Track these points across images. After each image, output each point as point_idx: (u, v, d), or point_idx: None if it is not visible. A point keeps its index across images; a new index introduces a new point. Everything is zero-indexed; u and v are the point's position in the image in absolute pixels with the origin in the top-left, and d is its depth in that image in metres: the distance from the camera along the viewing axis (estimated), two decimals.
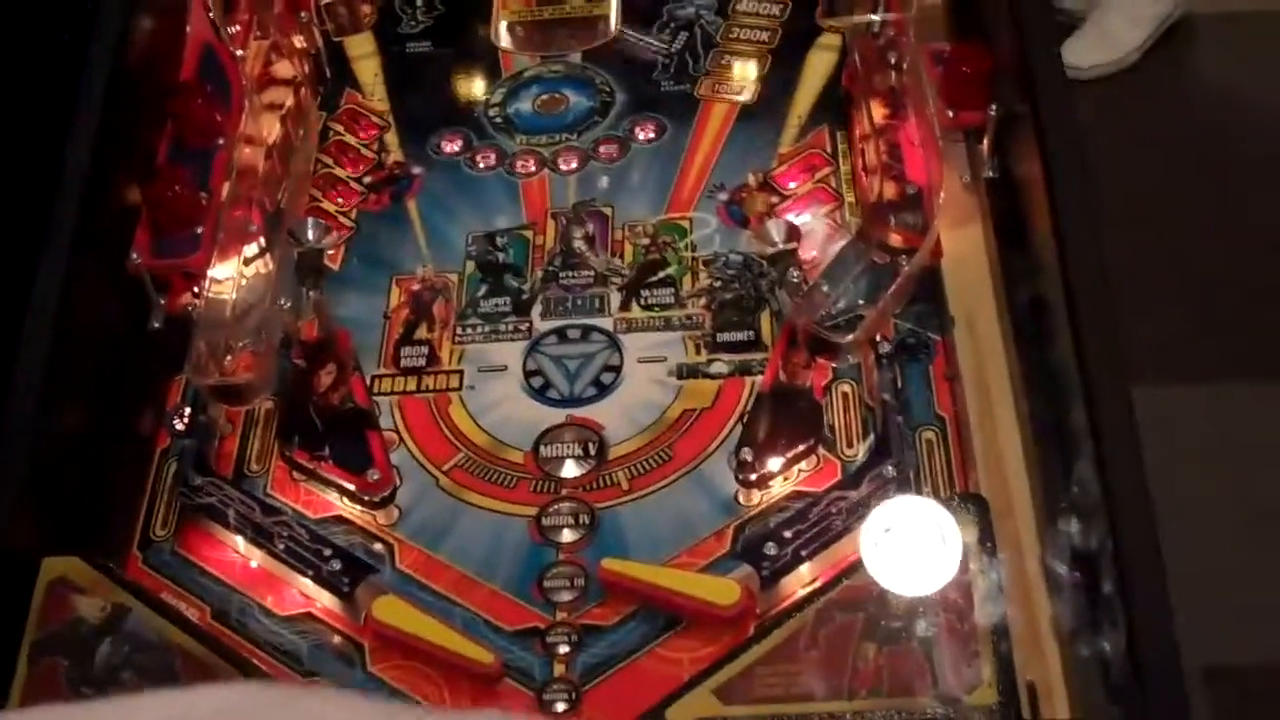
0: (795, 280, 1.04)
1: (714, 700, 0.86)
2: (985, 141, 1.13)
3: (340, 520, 1.03)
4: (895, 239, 1.09)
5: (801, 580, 0.94)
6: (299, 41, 1.30)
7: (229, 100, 1.19)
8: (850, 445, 1.03)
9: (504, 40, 1.34)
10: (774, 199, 1.18)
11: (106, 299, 1.11)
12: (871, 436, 1.02)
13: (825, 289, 1.05)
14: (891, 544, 0.90)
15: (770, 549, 0.95)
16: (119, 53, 1.13)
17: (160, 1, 1.20)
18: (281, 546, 0.99)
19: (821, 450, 1.02)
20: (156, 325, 1.12)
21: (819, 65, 1.27)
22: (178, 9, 1.20)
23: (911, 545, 0.89)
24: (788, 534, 0.96)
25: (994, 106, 1.11)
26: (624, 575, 0.96)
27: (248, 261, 1.13)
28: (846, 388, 1.05)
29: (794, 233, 1.08)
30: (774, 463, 1.00)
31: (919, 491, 0.98)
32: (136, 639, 0.90)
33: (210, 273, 1.10)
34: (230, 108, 1.19)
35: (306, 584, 0.98)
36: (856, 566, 0.89)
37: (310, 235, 1.11)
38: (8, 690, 0.89)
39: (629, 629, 0.95)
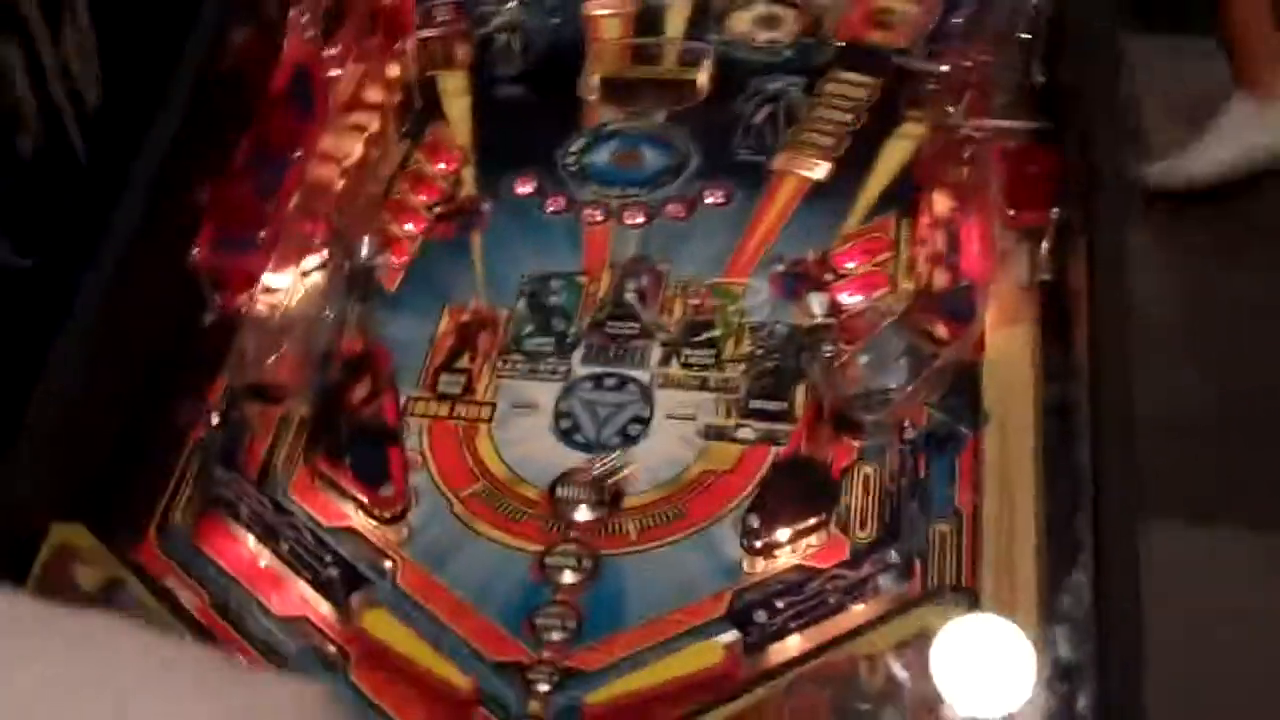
0: (828, 355, 1.05)
1: None
2: (1044, 244, 1.12)
3: (351, 531, 1.04)
4: (940, 329, 1.08)
5: (787, 652, 0.93)
6: (393, 70, 1.33)
7: (313, 116, 1.23)
8: (863, 527, 1.02)
9: (593, 94, 1.36)
10: (829, 276, 1.18)
11: (169, 288, 1.14)
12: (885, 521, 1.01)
13: (860, 365, 1.05)
14: (964, 664, 0.88)
15: (760, 616, 0.95)
16: (212, 55, 1.17)
17: (262, 13, 1.24)
18: (286, 547, 1.01)
19: (833, 528, 1.01)
20: (210, 321, 1.15)
21: (897, 152, 1.27)
22: (277, 22, 1.24)
23: (984, 665, 0.87)
24: (780, 604, 0.95)
25: (1056, 210, 1.11)
26: (612, 699, 0.94)
27: (306, 273, 1.16)
28: (870, 470, 1.05)
29: (835, 308, 1.08)
30: (781, 533, 1.00)
31: (919, 580, 0.97)
32: (127, 615, 0.92)
33: (265, 276, 1.13)
34: (313, 123, 1.22)
35: (304, 587, 1.00)
36: (836, 643, 0.88)
37: (364, 253, 1.13)
38: None
39: (610, 675, 0.95)
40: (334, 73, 1.28)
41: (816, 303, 1.09)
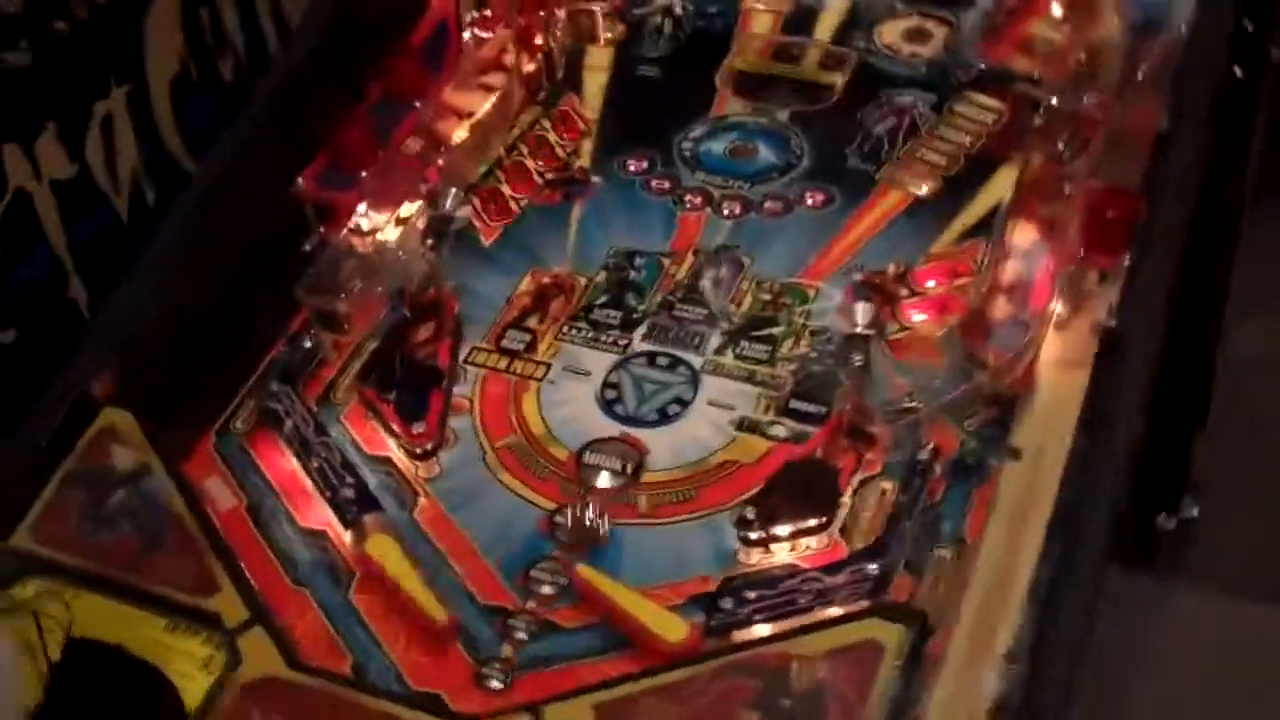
0: (857, 364, 1.05)
1: (590, 714, 0.88)
2: (1113, 290, 1.10)
3: (387, 461, 1.10)
4: (987, 355, 1.08)
5: (745, 640, 0.95)
6: (539, 39, 1.38)
7: (442, 70, 1.29)
8: (865, 539, 1.02)
9: (727, 84, 1.39)
10: (905, 292, 1.18)
11: (273, 212, 1.21)
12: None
13: (895, 376, 1.05)
14: None
15: (726, 603, 0.97)
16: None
17: None
18: (315, 464, 1.07)
19: (836, 534, 1.02)
20: (308, 248, 1.22)
21: (1006, 180, 1.26)
22: None
23: None
24: (750, 595, 0.97)
25: (1129, 256, 1.09)
26: (592, 584, 0.99)
27: (403, 219, 1.22)
28: (888, 485, 1.05)
29: (877, 321, 1.09)
30: (780, 529, 1.01)
31: (897, 598, 0.97)
32: (147, 497, 1.00)
33: (361, 213, 1.20)
34: (441, 78, 1.29)
35: (323, 504, 1.06)
36: (776, 639, 0.90)
37: (447, 204, 1.19)
38: (33, 502, 1.01)
39: (583, 636, 0.99)
40: (480, 33, 1.35)
41: (861, 312, 1.09)
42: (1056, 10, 1.37)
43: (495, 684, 0.96)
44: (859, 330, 1.09)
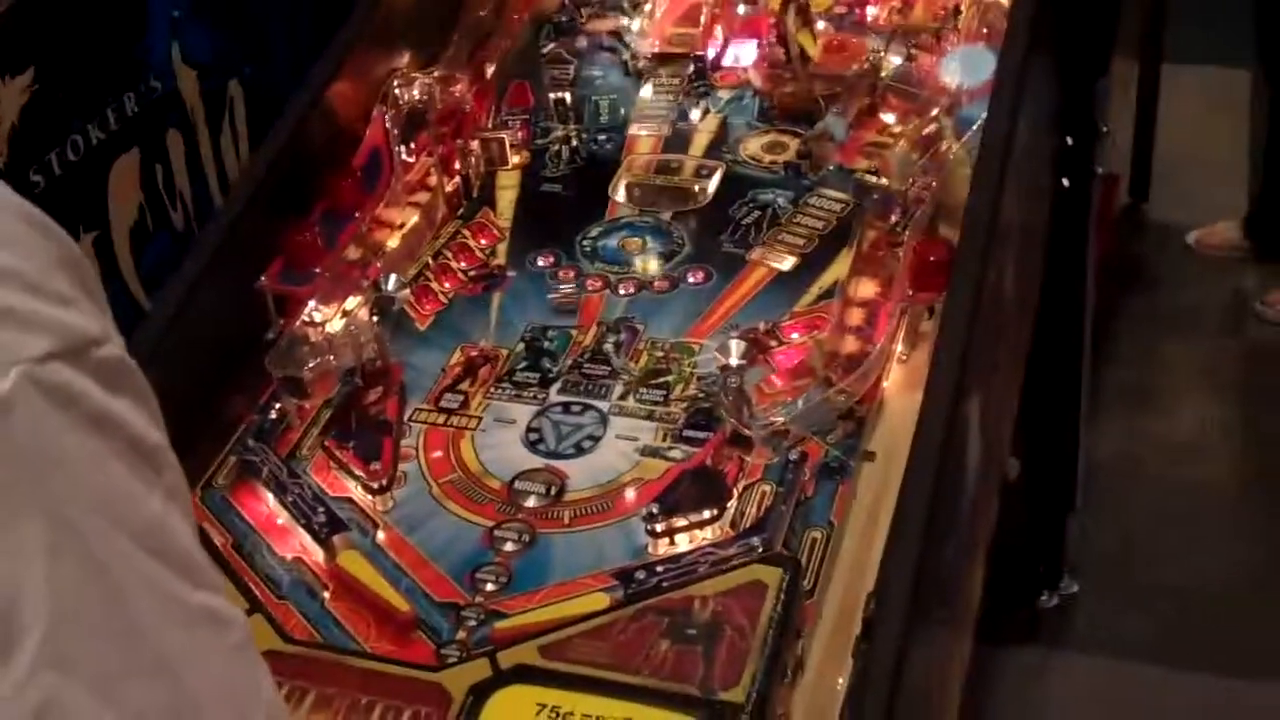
0: (733, 387, 1.29)
1: (536, 653, 1.09)
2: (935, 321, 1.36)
3: (349, 500, 1.31)
4: (838, 379, 1.32)
5: None
6: (458, 164, 1.64)
7: (377, 190, 1.53)
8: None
9: (619, 195, 1.65)
10: (774, 343, 1.42)
11: (238, 308, 1.43)
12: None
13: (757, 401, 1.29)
14: None
15: (639, 575, 1.18)
16: (295, 136, 1.48)
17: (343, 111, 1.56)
18: (290, 499, 1.28)
19: (727, 527, 1.24)
20: (271, 336, 1.44)
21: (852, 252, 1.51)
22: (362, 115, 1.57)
23: None
24: (659, 568, 1.19)
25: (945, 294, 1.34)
26: (514, 626, 1.17)
27: (346, 313, 1.45)
28: (767, 487, 1.28)
29: (747, 355, 1.32)
30: (679, 522, 1.23)
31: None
32: None
33: (313, 302, 1.42)
34: (377, 196, 1.53)
35: (302, 534, 1.26)
36: (680, 587, 1.12)
37: (389, 286, 1.42)
38: None
39: (521, 615, 1.19)
40: (408, 159, 1.60)
41: (734, 348, 1.33)
42: (889, 118, 1.66)
43: (452, 660, 1.16)
44: (733, 363, 1.32)
